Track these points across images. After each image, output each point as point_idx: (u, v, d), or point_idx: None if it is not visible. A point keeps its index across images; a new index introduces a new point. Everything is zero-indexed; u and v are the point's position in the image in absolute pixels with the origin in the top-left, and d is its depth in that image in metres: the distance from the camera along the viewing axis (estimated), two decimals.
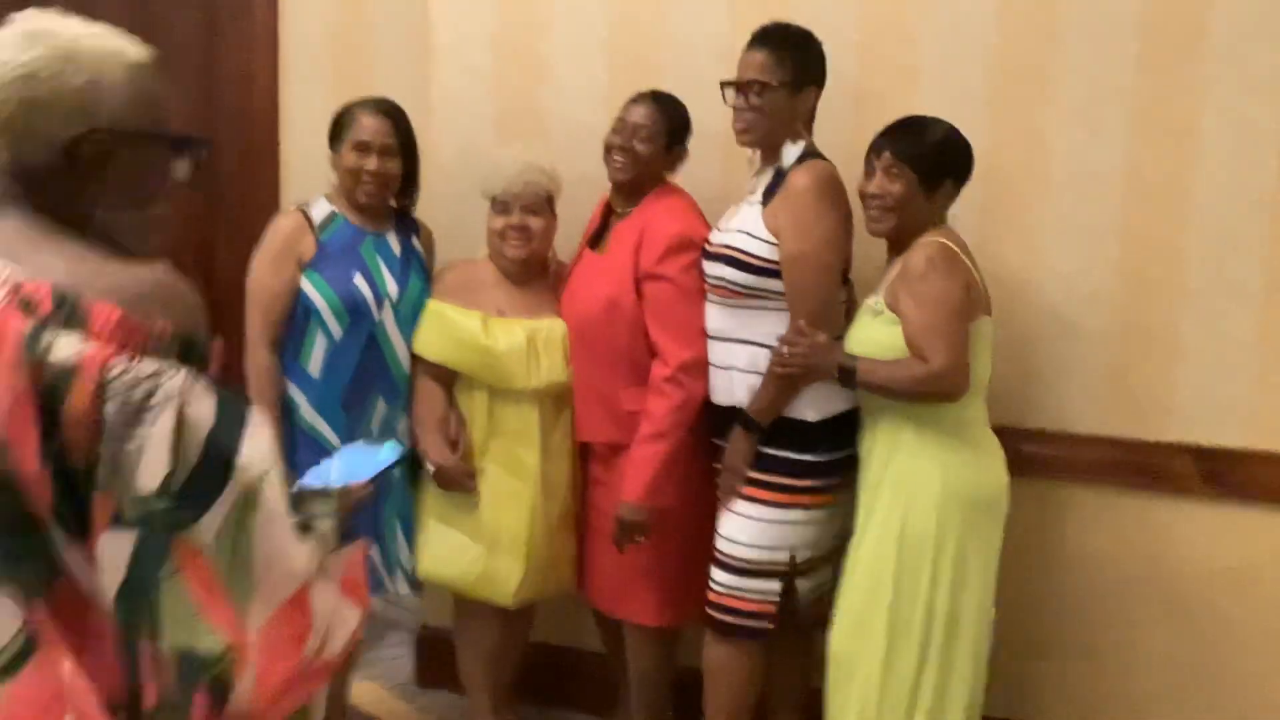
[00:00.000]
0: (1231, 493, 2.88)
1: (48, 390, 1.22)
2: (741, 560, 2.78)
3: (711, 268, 2.77)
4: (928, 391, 2.51)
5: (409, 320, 2.99)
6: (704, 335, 2.83)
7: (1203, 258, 2.85)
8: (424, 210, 3.33)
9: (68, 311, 1.25)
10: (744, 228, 2.72)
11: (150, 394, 1.23)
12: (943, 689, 2.57)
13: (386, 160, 2.95)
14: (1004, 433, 2.74)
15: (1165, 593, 2.98)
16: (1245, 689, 2.95)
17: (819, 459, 2.74)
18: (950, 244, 2.56)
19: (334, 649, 1.37)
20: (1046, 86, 2.90)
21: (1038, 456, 2.96)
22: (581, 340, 2.94)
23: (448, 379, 3.00)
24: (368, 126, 2.94)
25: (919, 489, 2.55)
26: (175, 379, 1.25)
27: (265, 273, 2.91)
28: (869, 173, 2.63)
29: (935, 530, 2.54)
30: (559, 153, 3.13)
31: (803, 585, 2.82)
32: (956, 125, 2.63)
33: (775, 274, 2.68)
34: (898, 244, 2.65)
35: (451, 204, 3.17)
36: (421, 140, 3.08)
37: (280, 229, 2.95)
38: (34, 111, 1.32)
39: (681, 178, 3.00)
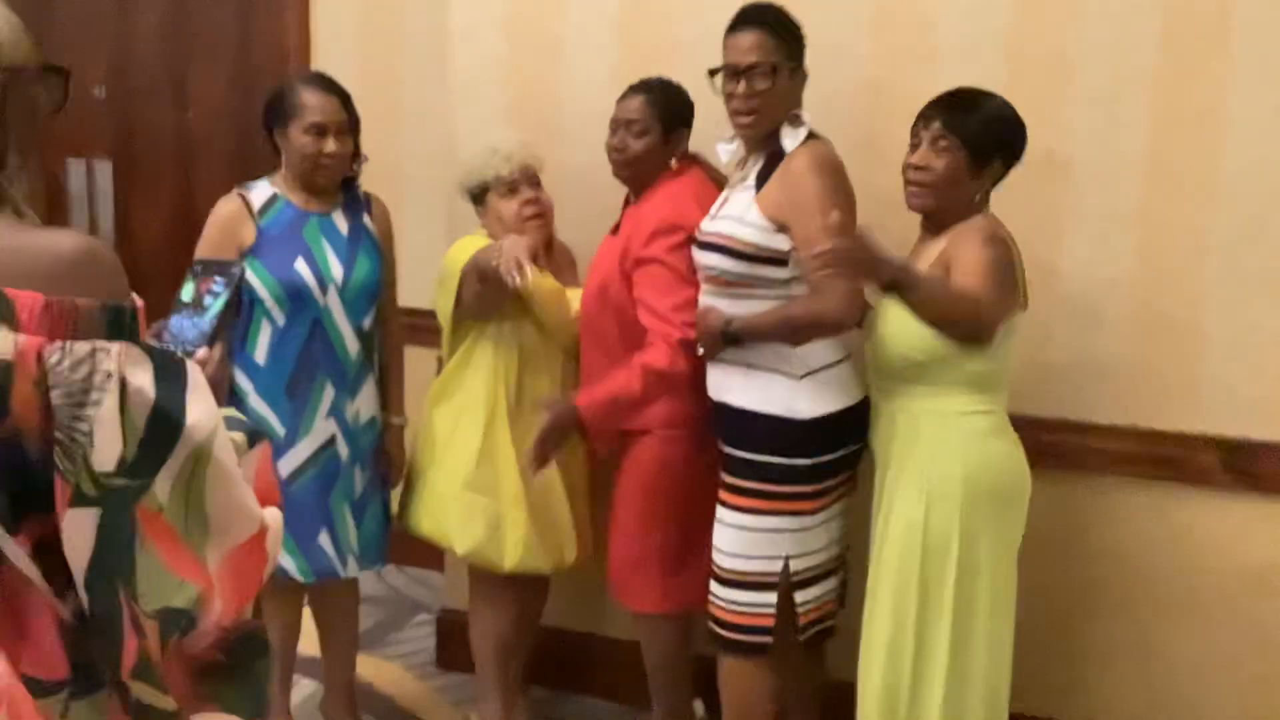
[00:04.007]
0: (1256, 486, 2.81)
1: None
2: (732, 572, 2.69)
3: (703, 256, 2.70)
4: (966, 319, 2.41)
5: (356, 303, 2.93)
6: (692, 315, 2.76)
7: (1227, 245, 2.77)
8: (440, 194, 3.33)
9: None
10: (735, 214, 2.65)
11: (90, 374, 1.23)
12: (964, 683, 2.52)
13: (343, 140, 2.89)
14: (1023, 422, 2.68)
15: (1186, 588, 2.91)
16: (1267, 689, 2.88)
17: (810, 462, 2.64)
18: (1006, 236, 2.49)
19: (275, 559, 1.42)
20: (1067, 70, 2.83)
21: (1056, 446, 2.90)
22: (587, 322, 2.94)
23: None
24: (320, 107, 2.86)
25: (942, 483, 2.49)
26: (110, 354, 1.24)
27: None
28: (914, 144, 2.54)
29: (960, 524, 2.47)
30: (572, 137, 3.12)
31: (801, 596, 2.71)
32: None
33: (768, 261, 2.60)
34: (935, 224, 2.56)
35: None
36: (441, 125, 3.04)
37: (218, 216, 2.89)
38: None
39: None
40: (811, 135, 2.65)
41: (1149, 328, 2.86)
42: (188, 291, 1.63)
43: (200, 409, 1.27)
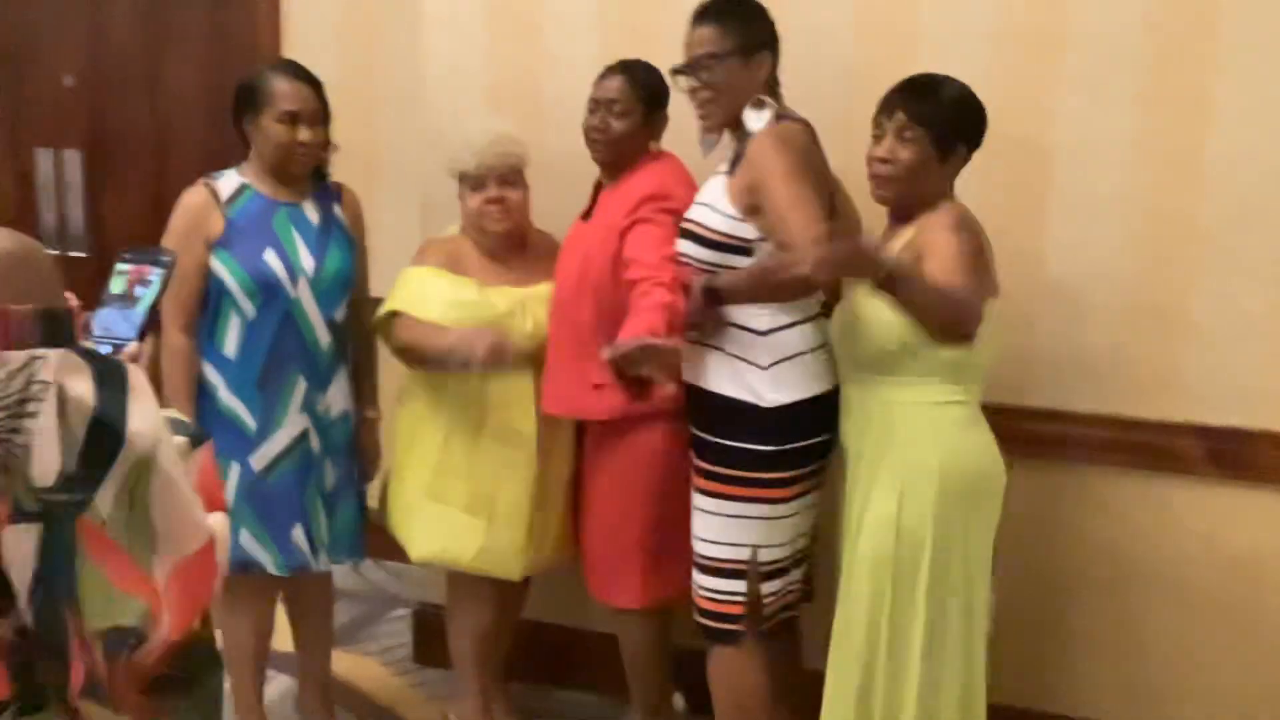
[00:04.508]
0: (1238, 474, 2.79)
1: None
2: (704, 558, 2.67)
3: (679, 244, 2.66)
4: (955, 316, 2.28)
5: (328, 295, 2.89)
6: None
7: (1213, 232, 2.74)
8: (415, 185, 3.27)
9: None
10: (706, 200, 2.62)
11: (27, 384, 1.19)
12: (937, 673, 2.48)
13: (317, 129, 2.84)
14: (1003, 411, 2.65)
15: (1169, 577, 2.89)
16: (1251, 677, 2.86)
17: (778, 449, 2.59)
18: (974, 224, 2.43)
19: (224, 566, 1.38)
20: (1051, 51, 2.79)
21: (1039, 435, 2.88)
22: (559, 308, 2.88)
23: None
24: (292, 94, 2.80)
25: (916, 475, 2.44)
26: (47, 362, 1.20)
27: None
28: (878, 135, 2.48)
29: (934, 517, 2.43)
30: (551, 124, 3.07)
31: (768, 587, 2.68)
32: None
33: (737, 250, 2.56)
34: (901, 212, 2.50)
35: (445, 178, 3.10)
36: (414, 113, 2.98)
37: (184, 207, 2.83)
38: None
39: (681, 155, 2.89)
40: (783, 116, 2.59)
41: (1134, 315, 2.83)
42: (117, 284, 1.56)
43: (142, 416, 1.24)
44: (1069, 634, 3.00)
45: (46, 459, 1.19)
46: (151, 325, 1.52)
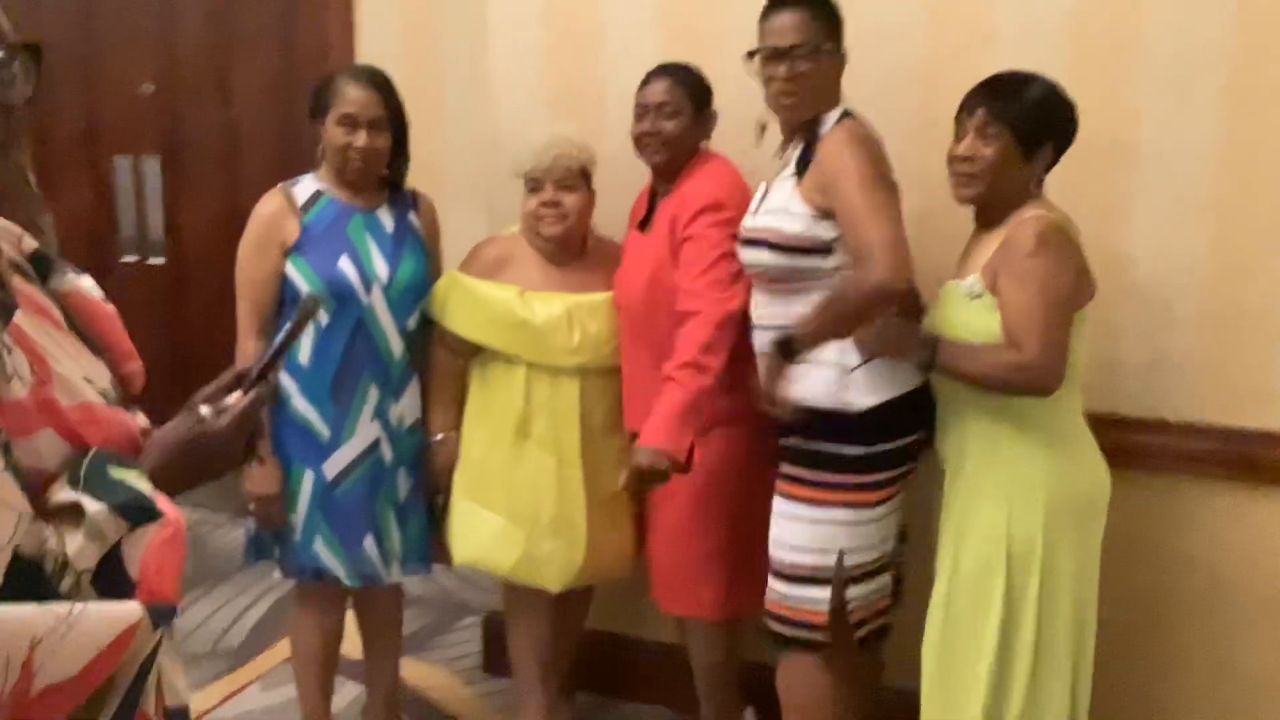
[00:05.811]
0: None
1: None
2: (787, 565, 2.60)
3: (748, 254, 2.59)
4: (1015, 383, 2.30)
5: (401, 303, 2.87)
6: (736, 288, 2.66)
7: None
8: (480, 188, 3.23)
9: None
10: (779, 206, 2.54)
11: None
12: (1045, 691, 2.41)
13: (375, 135, 2.81)
14: (1090, 420, 2.54)
15: (1265, 596, 2.76)
16: None
17: (867, 451, 2.52)
18: (1061, 222, 2.35)
19: (62, 667, 1.11)
20: (1134, 48, 2.69)
21: (1126, 446, 2.74)
22: (629, 324, 2.84)
23: (469, 353, 2.93)
24: (354, 99, 2.79)
25: (1023, 492, 2.37)
26: None
27: (248, 260, 2.82)
28: (959, 133, 2.42)
29: (1043, 532, 2.36)
30: (614, 127, 3.02)
31: (855, 591, 2.59)
32: None
33: (815, 251, 2.49)
34: (987, 214, 2.44)
35: (509, 182, 3.07)
36: (478, 118, 2.95)
37: (261, 214, 2.84)
38: None
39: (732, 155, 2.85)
40: (847, 114, 2.54)
41: (1224, 320, 2.72)
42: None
43: None
44: (1156, 652, 2.88)
45: None
46: (270, 368, 1.44)
